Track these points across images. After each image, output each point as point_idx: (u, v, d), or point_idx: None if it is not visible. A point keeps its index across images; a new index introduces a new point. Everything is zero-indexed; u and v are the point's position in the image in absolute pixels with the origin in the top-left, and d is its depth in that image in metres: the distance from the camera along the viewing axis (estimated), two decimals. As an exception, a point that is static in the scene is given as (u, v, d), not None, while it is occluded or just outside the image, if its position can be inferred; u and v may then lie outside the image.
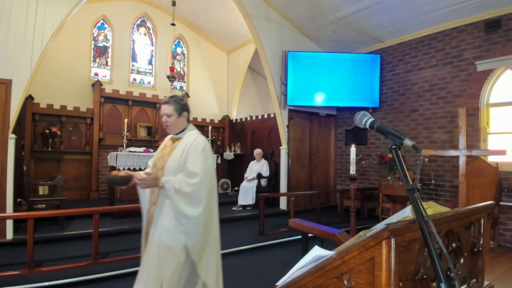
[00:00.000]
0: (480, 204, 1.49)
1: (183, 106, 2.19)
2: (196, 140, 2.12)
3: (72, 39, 7.05)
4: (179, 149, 2.12)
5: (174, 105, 2.15)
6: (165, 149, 2.22)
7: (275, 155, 7.29)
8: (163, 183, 1.99)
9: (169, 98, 2.18)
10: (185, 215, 1.96)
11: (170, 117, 2.14)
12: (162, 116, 2.17)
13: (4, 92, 4.16)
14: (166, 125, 2.18)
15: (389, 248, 0.96)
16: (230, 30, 8.38)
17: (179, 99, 2.20)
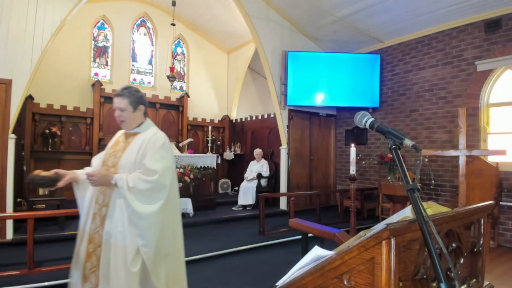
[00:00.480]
0: (480, 204, 1.49)
1: (139, 99, 1.97)
2: (156, 135, 1.93)
3: (72, 39, 7.05)
4: (135, 145, 1.92)
5: (128, 98, 1.92)
6: (117, 145, 2.00)
7: (275, 155, 7.29)
8: (115, 180, 1.79)
9: (123, 89, 1.94)
10: (139, 215, 1.75)
11: (124, 112, 1.93)
12: (115, 110, 1.95)
13: (4, 92, 4.16)
14: (120, 120, 1.96)
15: (389, 248, 0.96)
16: (230, 30, 8.38)
17: (134, 91, 1.97)
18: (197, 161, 6.38)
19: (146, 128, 2.01)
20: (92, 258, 1.83)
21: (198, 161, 6.40)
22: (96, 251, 1.82)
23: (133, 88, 2.00)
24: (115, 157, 1.94)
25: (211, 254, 4.07)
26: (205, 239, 4.69)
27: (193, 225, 5.37)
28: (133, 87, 2.01)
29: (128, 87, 1.97)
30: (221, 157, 8.24)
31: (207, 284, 3.34)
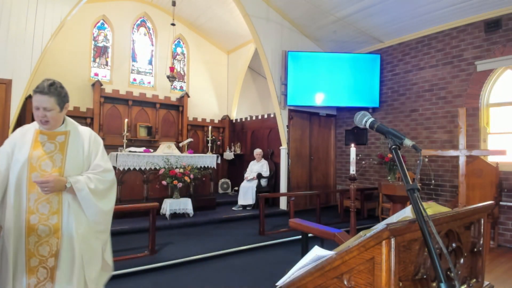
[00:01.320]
0: (480, 204, 1.49)
1: (66, 96, 1.81)
2: (92, 133, 1.93)
3: (72, 39, 7.05)
4: (76, 145, 1.83)
5: (55, 97, 1.75)
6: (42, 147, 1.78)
7: (275, 155, 7.29)
8: (70, 184, 1.73)
9: (48, 86, 1.74)
10: (104, 211, 1.84)
11: (50, 112, 1.75)
12: (38, 108, 1.74)
13: (4, 92, 4.17)
14: (44, 121, 1.76)
15: (389, 248, 0.96)
16: (230, 30, 8.39)
17: (60, 88, 1.78)
18: (197, 161, 6.38)
19: (72, 126, 1.89)
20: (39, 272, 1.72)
21: (198, 161, 6.41)
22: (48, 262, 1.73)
23: (58, 84, 1.79)
24: (54, 160, 1.78)
25: (211, 254, 4.07)
26: (205, 239, 4.69)
27: (193, 225, 5.38)
28: (57, 82, 1.79)
29: (53, 83, 1.76)
30: (221, 157, 8.24)
31: (207, 284, 3.34)
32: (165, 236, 4.70)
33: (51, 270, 1.73)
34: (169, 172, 5.58)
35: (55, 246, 1.73)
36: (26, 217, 1.71)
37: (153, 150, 6.59)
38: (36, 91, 1.74)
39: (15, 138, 1.81)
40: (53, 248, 1.73)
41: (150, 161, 5.85)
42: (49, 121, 1.77)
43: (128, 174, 5.62)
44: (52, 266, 1.73)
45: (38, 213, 1.73)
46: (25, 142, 1.79)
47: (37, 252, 1.71)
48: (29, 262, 1.70)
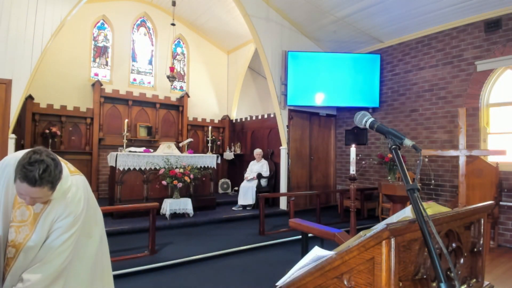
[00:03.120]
0: (480, 204, 1.49)
1: (60, 174, 1.42)
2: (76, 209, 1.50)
3: (72, 39, 7.06)
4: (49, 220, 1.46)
5: (48, 185, 1.33)
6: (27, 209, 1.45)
7: (275, 155, 7.29)
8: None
9: (40, 176, 1.28)
10: None
11: (41, 199, 1.39)
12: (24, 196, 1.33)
13: (4, 92, 4.17)
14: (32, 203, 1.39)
15: (389, 248, 0.96)
16: (230, 30, 8.39)
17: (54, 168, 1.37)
18: (197, 161, 6.38)
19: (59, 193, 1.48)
20: None
21: (198, 161, 6.41)
22: None
23: (51, 164, 1.36)
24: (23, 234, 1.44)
25: (211, 254, 4.08)
26: (205, 239, 4.69)
27: (193, 225, 5.38)
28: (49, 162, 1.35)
29: (46, 169, 1.32)
30: (221, 157, 8.24)
31: (207, 284, 3.34)
32: (165, 236, 4.70)
33: None
34: (169, 172, 5.58)
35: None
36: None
37: (153, 150, 6.59)
38: (24, 180, 1.28)
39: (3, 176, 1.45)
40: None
41: (150, 161, 5.85)
42: (37, 203, 1.42)
43: (128, 174, 5.62)
44: None
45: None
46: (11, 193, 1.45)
47: None
48: None
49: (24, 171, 1.28)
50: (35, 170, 1.29)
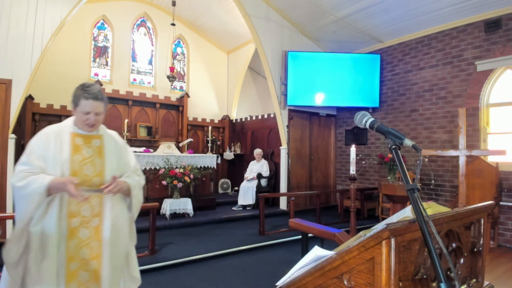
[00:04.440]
0: (480, 204, 1.49)
1: (107, 100, 1.86)
2: (117, 135, 1.99)
3: (72, 39, 7.06)
4: (109, 149, 1.86)
5: (104, 102, 1.79)
6: (83, 150, 1.77)
7: (275, 155, 7.29)
8: (128, 185, 1.82)
9: (99, 92, 1.75)
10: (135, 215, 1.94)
11: (100, 116, 1.78)
12: (88, 113, 1.72)
13: (4, 92, 4.17)
14: (92, 124, 1.76)
15: (389, 248, 0.96)
16: (230, 30, 8.39)
17: (103, 92, 1.83)
18: (197, 161, 6.38)
19: (103, 130, 1.90)
20: (80, 275, 1.69)
21: (198, 161, 6.41)
22: (89, 265, 1.70)
23: (100, 88, 1.81)
24: (94, 165, 1.77)
25: (211, 254, 4.08)
26: (205, 239, 4.69)
27: (193, 225, 5.38)
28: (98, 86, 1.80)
29: (99, 88, 1.77)
30: (221, 157, 8.24)
31: (207, 284, 3.34)
32: (165, 236, 4.70)
33: (95, 273, 1.71)
34: (169, 172, 5.58)
35: (96, 248, 1.72)
36: (67, 221, 1.68)
37: (153, 150, 6.59)
38: (89, 97, 1.70)
39: (47, 140, 1.75)
40: (94, 251, 1.72)
41: (150, 161, 5.85)
42: (96, 125, 1.79)
43: (128, 174, 5.62)
44: (94, 268, 1.71)
45: (80, 215, 1.71)
46: (63, 145, 1.75)
47: (77, 255, 1.68)
48: (69, 266, 1.67)
49: (87, 90, 1.71)
50: (94, 88, 1.73)
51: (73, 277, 1.67)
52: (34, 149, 1.71)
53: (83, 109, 1.72)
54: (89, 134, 1.81)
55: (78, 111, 1.74)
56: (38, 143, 1.74)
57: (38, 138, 1.77)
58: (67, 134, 1.78)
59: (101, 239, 1.73)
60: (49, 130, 1.80)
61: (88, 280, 1.70)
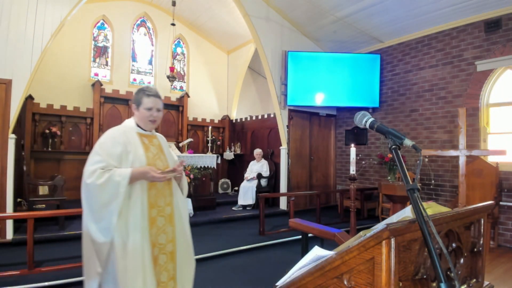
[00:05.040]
0: (480, 204, 1.49)
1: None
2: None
3: (72, 39, 7.05)
4: (165, 146, 2.13)
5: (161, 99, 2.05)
6: (150, 148, 2.00)
7: (275, 155, 7.29)
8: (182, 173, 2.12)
9: (157, 91, 2.01)
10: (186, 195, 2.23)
11: (160, 113, 2.01)
12: (151, 109, 1.94)
13: (4, 92, 4.16)
14: (153, 121, 1.98)
15: (389, 248, 0.96)
16: (230, 30, 8.38)
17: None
18: (197, 161, 6.38)
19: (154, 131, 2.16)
20: (160, 258, 1.89)
21: (198, 161, 6.41)
22: (166, 248, 1.92)
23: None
24: (161, 160, 2.02)
25: (211, 254, 4.08)
26: (205, 239, 4.69)
27: (193, 225, 5.32)
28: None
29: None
30: (221, 157, 8.24)
31: (207, 284, 3.33)
32: (165, 236, 4.70)
33: (171, 254, 1.94)
34: (169, 172, 5.57)
35: (171, 233, 1.95)
36: (148, 213, 1.86)
37: (153, 150, 6.57)
38: (150, 94, 1.94)
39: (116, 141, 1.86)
40: (169, 236, 1.94)
41: (150, 161, 5.84)
42: (156, 121, 2.01)
43: (128, 174, 5.62)
44: (171, 250, 1.94)
45: (157, 206, 1.91)
46: (135, 144, 1.92)
47: (157, 241, 1.89)
48: (153, 252, 1.86)
49: (148, 89, 1.98)
50: (154, 88, 2.01)
51: (156, 262, 1.87)
52: (105, 148, 1.83)
53: (146, 105, 1.93)
54: (149, 134, 2.04)
55: (141, 109, 1.95)
56: (108, 143, 1.86)
57: (107, 139, 1.87)
58: (134, 134, 1.96)
59: (174, 225, 1.98)
60: (115, 131, 1.92)
61: (166, 262, 1.91)
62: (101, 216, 1.74)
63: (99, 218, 1.74)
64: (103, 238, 1.73)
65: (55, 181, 4.91)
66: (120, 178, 1.75)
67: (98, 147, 1.83)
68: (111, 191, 1.74)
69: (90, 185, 1.73)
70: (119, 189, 1.74)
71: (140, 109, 1.95)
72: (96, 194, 1.73)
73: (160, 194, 1.94)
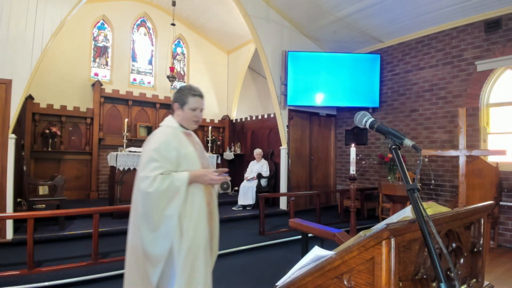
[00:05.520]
0: (480, 204, 1.49)
1: None
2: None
3: (72, 39, 7.05)
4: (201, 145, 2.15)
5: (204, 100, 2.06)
6: (195, 146, 2.03)
7: (275, 155, 7.29)
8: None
9: (201, 91, 2.01)
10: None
11: (202, 113, 2.02)
12: (195, 109, 1.95)
13: (4, 92, 4.16)
14: (197, 121, 2.00)
15: (389, 248, 0.96)
16: (230, 30, 8.38)
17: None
18: (197, 161, 6.37)
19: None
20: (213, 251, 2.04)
21: (198, 161, 6.40)
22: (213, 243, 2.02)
23: None
24: (205, 159, 2.05)
25: (211, 254, 4.07)
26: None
27: (193, 225, 5.37)
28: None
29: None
30: (221, 157, 8.24)
31: (207, 284, 3.33)
32: (165, 236, 4.69)
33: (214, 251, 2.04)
34: (169, 172, 5.56)
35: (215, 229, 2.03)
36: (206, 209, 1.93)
37: (153, 150, 6.56)
38: (196, 94, 1.95)
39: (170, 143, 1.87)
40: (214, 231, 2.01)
41: (150, 161, 5.83)
42: (199, 121, 2.02)
43: (128, 174, 5.62)
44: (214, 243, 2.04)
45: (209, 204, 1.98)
46: (187, 144, 1.95)
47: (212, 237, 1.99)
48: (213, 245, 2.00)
49: (193, 88, 1.97)
50: (198, 88, 2.00)
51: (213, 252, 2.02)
52: (162, 154, 1.82)
53: (191, 105, 1.94)
54: (189, 132, 2.05)
55: (185, 109, 1.94)
56: (163, 148, 1.84)
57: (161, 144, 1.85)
58: (181, 134, 1.97)
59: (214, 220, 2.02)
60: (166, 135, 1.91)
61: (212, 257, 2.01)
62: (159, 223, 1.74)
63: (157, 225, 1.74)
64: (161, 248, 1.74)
65: (55, 181, 4.91)
66: (179, 183, 1.78)
67: (154, 153, 1.81)
68: (172, 196, 1.76)
69: (153, 193, 1.72)
70: (181, 194, 1.78)
71: (185, 109, 1.94)
72: (157, 201, 1.74)
73: (209, 192, 2.00)
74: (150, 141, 1.88)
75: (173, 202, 1.76)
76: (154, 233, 1.74)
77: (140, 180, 1.76)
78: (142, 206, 1.75)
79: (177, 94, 1.97)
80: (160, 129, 1.96)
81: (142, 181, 1.75)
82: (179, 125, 1.98)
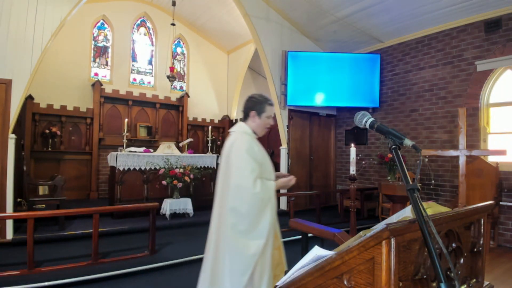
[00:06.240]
0: (480, 204, 1.49)
1: None
2: None
3: (72, 39, 7.06)
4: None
5: None
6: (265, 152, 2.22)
7: (275, 155, 7.28)
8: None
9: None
10: None
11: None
12: (270, 117, 2.14)
13: (4, 92, 4.16)
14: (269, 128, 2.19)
15: (389, 248, 0.96)
16: (230, 30, 8.38)
17: None
18: (197, 161, 6.38)
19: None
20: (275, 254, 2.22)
21: (198, 161, 6.40)
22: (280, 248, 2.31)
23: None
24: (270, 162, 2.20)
25: (211, 254, 4.06)
26: (205, 239, 4.67)
27: (193, 225, 5.37)
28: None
29: None
30: (221, 157, 8.23)
31: (207, 284, 3.33)
32: (165, 236, 4.70)
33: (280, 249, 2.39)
34: (169, 172, 5.57)
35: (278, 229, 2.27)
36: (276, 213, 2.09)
37: (153, 150, 6.59)
38: (271, 103, 2.12)
39: (255, 150, 2.02)
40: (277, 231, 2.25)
41: (150, 161, 5.85)
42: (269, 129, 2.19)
43: (128, 174, 5.62)
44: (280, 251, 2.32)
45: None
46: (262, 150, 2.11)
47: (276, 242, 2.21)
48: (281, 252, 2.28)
49: (270, 99, 2.12)
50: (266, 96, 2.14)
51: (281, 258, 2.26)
52: (254, 157, 1.97)
53: (269, 113, 2.11)
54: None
55: (263, 117, 2.09)
56: (251, 154, 1.97)
57: (248, 149, 1.99)
58: (256, 140, 2.11)
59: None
60: (249, 141, 2.04)
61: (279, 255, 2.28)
62: (257, 223, 1.93)
63: (254, 226, 1.93)
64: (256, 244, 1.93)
65: (55, 181, 4.91)
66: (273, 190, 2.00)
67: (247, 154, 1.95)
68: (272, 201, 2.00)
69: (258, 194, 1.89)
70: (271, 196, 1.99)
71: (262, 117, 2.09)
72: (260, 202, 1.92)
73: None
74: (234, 145, 2.01)
75: (271, 206, 1.98)
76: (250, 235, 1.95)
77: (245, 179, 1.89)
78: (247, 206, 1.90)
79: (252, 102, 2.10)
80: (238, 134, 2.07)
81: (248, 182, 1.88)
82: (252, 132, 2.11)
